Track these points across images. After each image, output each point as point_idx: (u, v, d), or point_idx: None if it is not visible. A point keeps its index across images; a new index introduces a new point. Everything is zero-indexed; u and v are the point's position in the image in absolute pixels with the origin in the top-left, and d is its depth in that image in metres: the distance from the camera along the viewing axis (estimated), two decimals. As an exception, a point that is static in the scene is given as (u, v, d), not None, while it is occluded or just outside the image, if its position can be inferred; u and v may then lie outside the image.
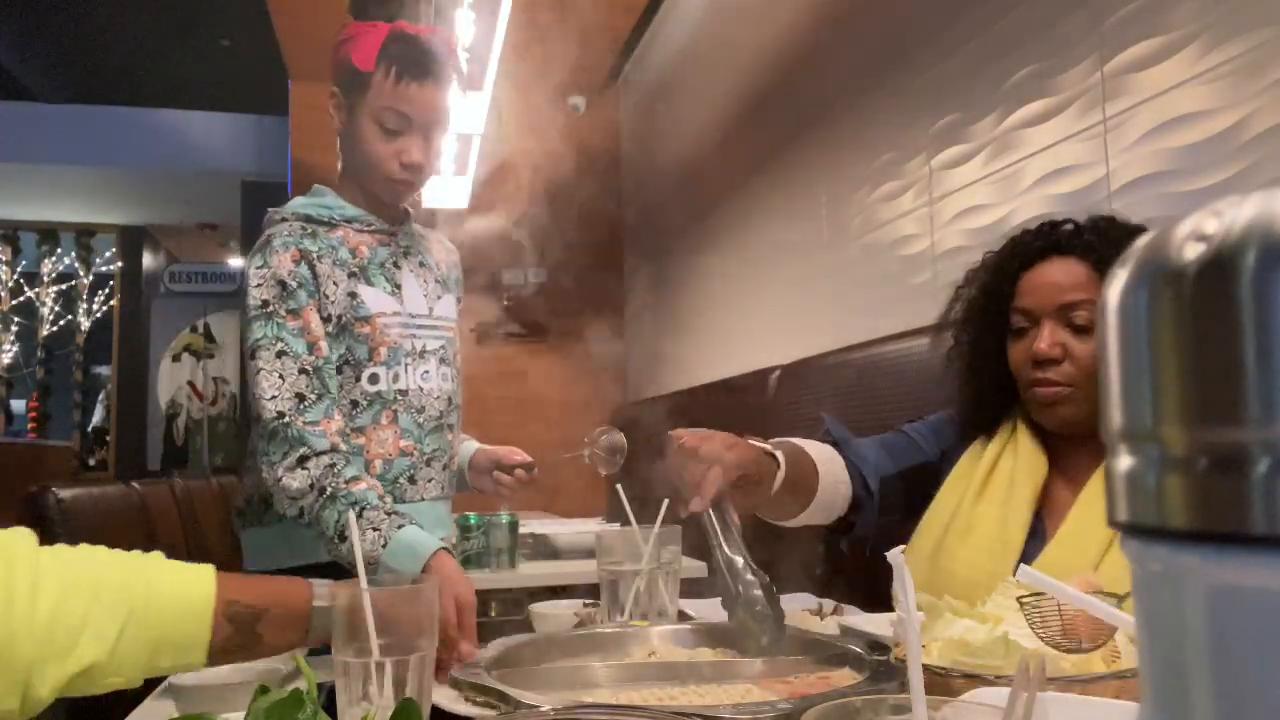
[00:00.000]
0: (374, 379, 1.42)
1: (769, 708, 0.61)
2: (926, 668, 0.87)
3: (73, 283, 8.91)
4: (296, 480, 1.25)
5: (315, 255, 1.41)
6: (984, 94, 2.06)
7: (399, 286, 1.48)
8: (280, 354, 1.32)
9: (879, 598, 1.33)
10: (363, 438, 1.40)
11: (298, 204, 1.48)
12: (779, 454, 1.11)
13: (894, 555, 0.50)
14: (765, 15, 3.05)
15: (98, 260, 8.94)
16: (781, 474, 1.09)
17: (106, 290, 8.91)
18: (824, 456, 1.20)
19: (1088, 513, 1.06)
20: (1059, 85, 1.85)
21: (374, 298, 1.44)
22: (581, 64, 4.10)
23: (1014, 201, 1.97)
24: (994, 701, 0.69)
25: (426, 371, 1.47)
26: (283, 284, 1.36)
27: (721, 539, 0.89)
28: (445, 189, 3.50)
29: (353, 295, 1.42)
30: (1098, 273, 1.10)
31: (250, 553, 1.48)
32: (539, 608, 1.26)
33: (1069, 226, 1.16)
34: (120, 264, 8.80)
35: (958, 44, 2.15)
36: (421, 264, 1.54)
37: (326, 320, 1.41)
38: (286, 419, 1.28)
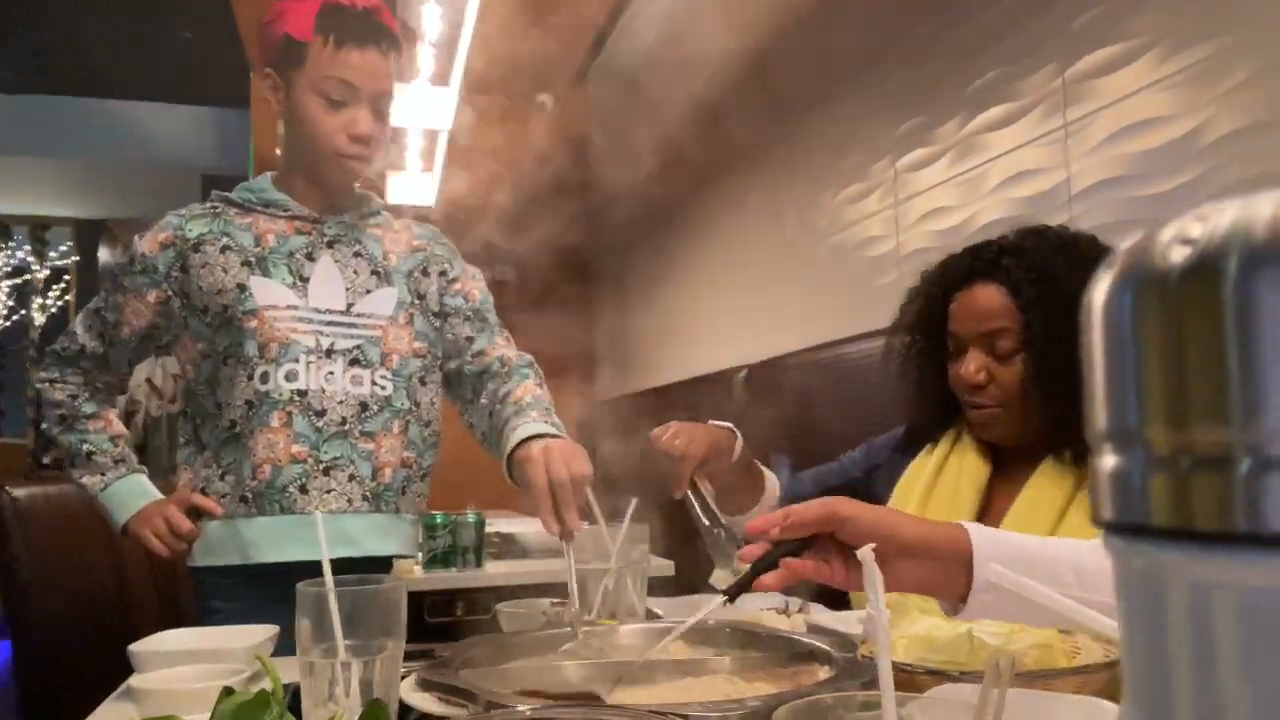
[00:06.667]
0: (265, 377, 1.34)
1: (739, 706, 0.61)
2: (892, 664, 0.88)
3: (27, 277, 8.71)
4: (47, 393, 1.43)
5: (195, 241, 1.37)
6: (948, 98, 2.08)
7: (305, 279, 1.38)
8: (97, 311, 1.43)
9: (843, 596, 1.35)
10: (251, 440, 1.33)
11: (236, 191, 1.45)
12: (736, 430, 1.27)
13: (864, 553, 0.50)
14: (733, 17, 3.06)
15: (53, 254, 8.75)
16: (739, 444, 1.25)
17: (62, 285, 8.72)
18: (774, 481, 1.37)
19: (1025, 513, 1.10)
20: (1021, 90, 1.88)
21: (265, 290, 1.36)
22: (550, 62, 4.09)
23: (977, 204, 2.00)
24: (959, 697, 0.70)
25: (331, 373, 1.36)
26: (132, 261, 1.40)
27: (699, 512, 1.15)
28: (411, 185, 3.48)
29: (242, 287, 1.35)
30: (1014, 298, 1.12)
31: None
32: (506, 607, 1.26)
33: (991, 250, 1.18)
34: (76, 258, 8.63)
35: (923, 48, 2.17)
36: (356, 255, 1.43)
37: (204, 311, 1.36)
38: (68, 352, 1.43)
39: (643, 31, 3.90)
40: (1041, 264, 1.12)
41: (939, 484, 1.20)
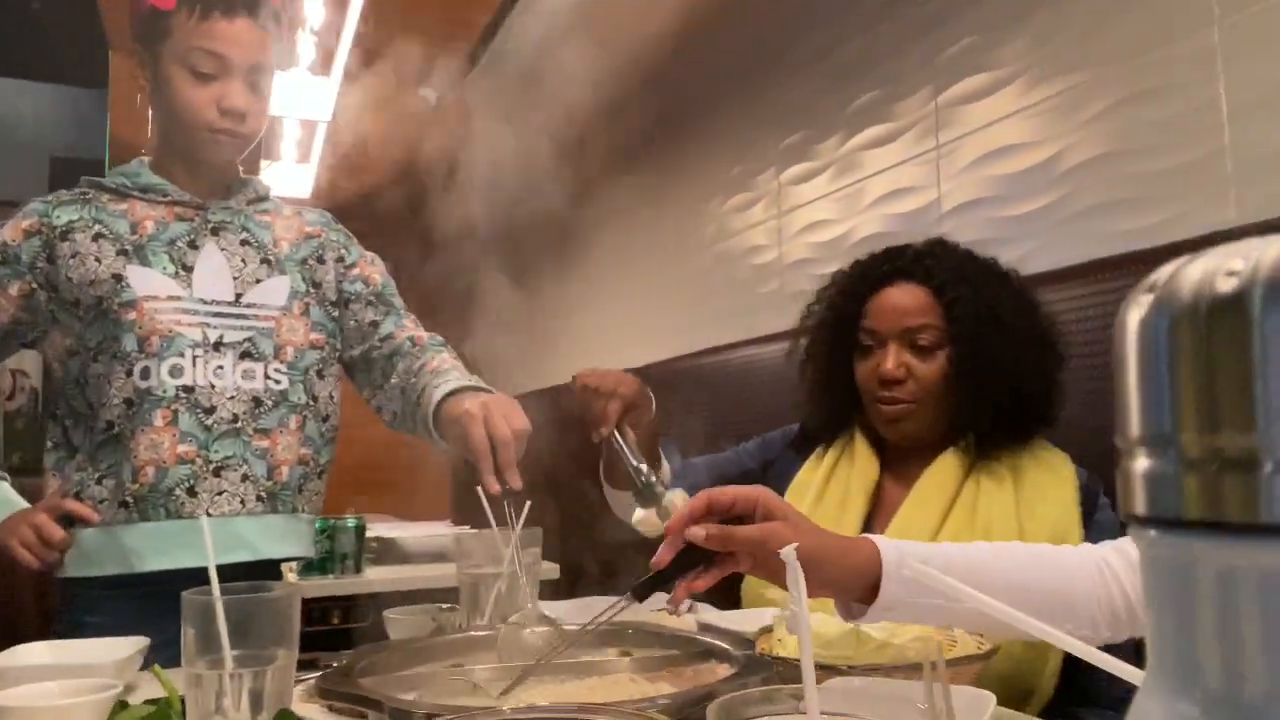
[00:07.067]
0: (145, 373, 1.26)
1: (649, 704, 0.62)
2: (783, 659, 0.91)
3: None
4: None
5: (64, 229, 1.28)
6: (830, 115, 2.17)
7: (188, 268, 1.31)
8: None
9: (730, 596, 1.38)
10: (132, 441, 1.26)
11: (109, 175, 1.35)
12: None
13: (787, 552, 0.52)
14: (624, 22, 3.08)
15: None
16: (654, 404, 1.29)
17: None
18: (664, 462, 1.37)
19: (916, 509, 1.15)
20: (898, 112, 1.97)
21: (144, 279, 1.28)
22: (435, 57, 4.01)
23: (855, 218, 2.08)
24: (851, 688, 0.74)
25: (221, 367, 1.30)
26: None
27: (627, 450, 1.19)
28: (287, 176, 3.35)
29: (118, 277, 1.27)
30: (937, 297, 1.18)
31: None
32: (394, 614, 1.23)
33: (910, 253, 1.24)
34: (-103, 241, 7.88)
35: (807, 65, 2.25)
36: (244, 242, 1.37)
37: (75, 305, 1.28)
38: None
39: (532, 31, 3.88)
40: (960, 268, 1.18)
41: (828, 490, 1.23)
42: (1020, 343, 1.13)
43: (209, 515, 1.26)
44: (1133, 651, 0.77)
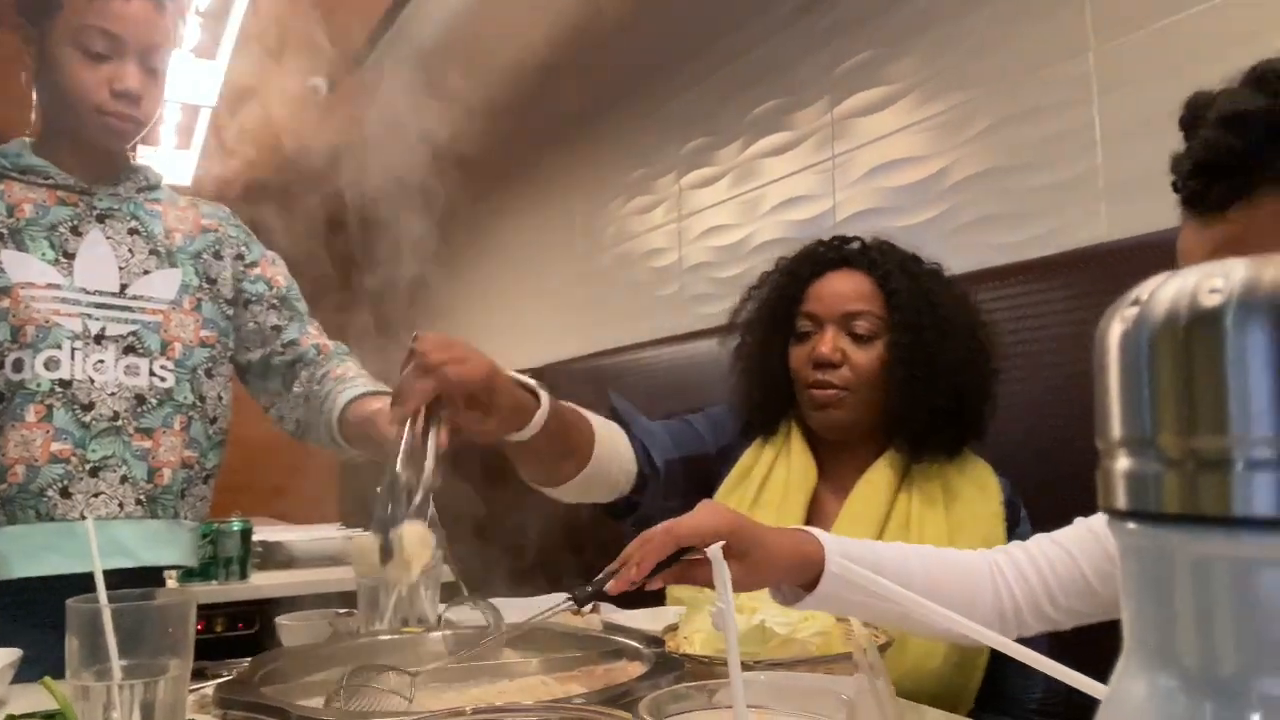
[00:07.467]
0: (18, 365, 1.19)
1: (565, 704, 0.63)
2: (690, 657, 0.93)
3: None
4: None
5: None
6: (730, 122, 2.21)
7: (70, 256, 1.24)
8: None
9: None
10: (2, 437, 1.18)
11: None
12: (542, 394, 0.98)
13: (713, 551, 0.53)
14: (524, 18, 3.06)
15: None
16: (543, 412, 0.97)
17: None
18: (606, 429, 1.12)
19: (853, 519, 1.14)
20: (796, 122, 2.03)
21: (20, 265, 1.21)
22: (327, 44, 3.89)
23: (754, 224, 2.13)
24: (758, 681, 0.76)
25: (101, 361, 1.23)
26: None
27: (400, 454, 0.84)
28: (166, 163, 3.19)
29: None
30: (880, 287, 1.19)
31: None
32: (288, 620, 1.19)
33: (855, 243, 1.25)
34: None
35: (709, 72, 2.29)
36: (133, 231, 1.31)
37: None
38: None
39: (432, 22, 3.81)
40: (904, 263, 1.19)
41: (768, 487, 1.21)
42: (957, 342, 1.14)
43: (84, 518, 1.18)
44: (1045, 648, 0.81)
